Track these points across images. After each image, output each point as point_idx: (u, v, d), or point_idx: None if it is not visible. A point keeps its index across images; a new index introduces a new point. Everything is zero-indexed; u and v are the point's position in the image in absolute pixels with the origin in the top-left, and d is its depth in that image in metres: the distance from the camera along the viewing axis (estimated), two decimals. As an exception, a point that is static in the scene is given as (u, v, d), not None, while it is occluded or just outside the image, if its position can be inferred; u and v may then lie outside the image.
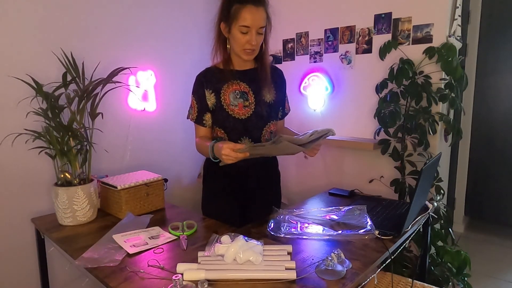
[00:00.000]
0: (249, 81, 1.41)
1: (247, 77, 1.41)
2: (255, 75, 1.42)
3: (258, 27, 1.26)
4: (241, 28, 1.26)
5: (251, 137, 1.41)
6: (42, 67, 1.63)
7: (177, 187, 2.36)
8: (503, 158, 2.84)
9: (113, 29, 1.90)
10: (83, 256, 1.13)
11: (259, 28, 1.27)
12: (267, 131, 1.45)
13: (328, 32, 2.27)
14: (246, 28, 1.26)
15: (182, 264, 1.00)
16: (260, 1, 1.27)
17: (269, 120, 1.44)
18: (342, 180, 2.31)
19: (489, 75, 2.82)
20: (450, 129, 1.85)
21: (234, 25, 1.27)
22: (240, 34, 1.27)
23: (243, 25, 1.25)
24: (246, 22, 1.25)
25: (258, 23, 1.26)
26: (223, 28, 1.32)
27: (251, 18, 1.24)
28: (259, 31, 1.28)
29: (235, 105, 1.38)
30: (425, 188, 1.42)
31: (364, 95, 2.15)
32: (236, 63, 1.40)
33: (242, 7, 1.24)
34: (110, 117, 1.89)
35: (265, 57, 1.40)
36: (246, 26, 1.25)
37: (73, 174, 1.47)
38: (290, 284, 0.94)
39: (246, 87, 1.40)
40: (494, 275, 2.32)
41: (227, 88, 1.38)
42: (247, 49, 1.30)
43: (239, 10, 1.25)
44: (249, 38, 1.27)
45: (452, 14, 1.88)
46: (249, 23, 1.25)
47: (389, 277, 1.42)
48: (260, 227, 1.30)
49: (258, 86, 1.41)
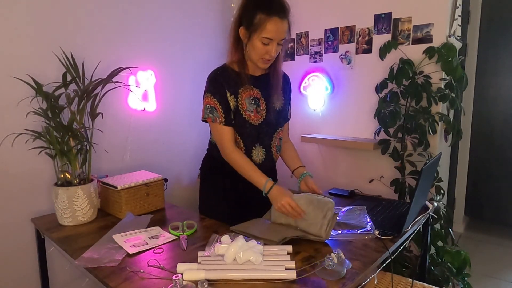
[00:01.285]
0: (261, 87, 1.39)
1: (259, 83, 1.39)
2: (267, 81, 1.40)
3: (280, 39, 1.24)
4: (263, 40, 1.23)
5: (262, 144, 1.41)
6: (42, 67, 1.63)
7: (177, 187, 2.36)
8: (503, 158, 2.84)
9: (113, 29, 1.90)
10: (83, 256, 1.13)
11: (280, 40, 1.25)
12: (277, 138, 1.46)
13: (328, 32, 2.27)
14: (268, 40, 1.23)
15: (182, 264, 1.00)
16: (286, 14, 1.23)
17: (277, 127, 1.45)
18: (342, 180, 2.31)
19: (489, 75, 2.82)
20: (450, 129, 1.85)
21: (256, 34, 1.23)
22: (261, 45, 1.24)
23: (266, 37, 1.22)
24: (270, 34, 1.21)
25: (281, 35, 1.24)
26: (243, 34, 1.28)
27: (275, 31, 1.21)
28: (280, 42, 1.26)
29: (251, 111, 1.36)
30: (425, 188, 1.42)
31: (364, 95, 2.15)
32: (250, 68, 1.37)
33: (268, 18, 1.20)
34: (110, 117, 1.89)
35: (279, 64, 1.38)
36: (269, 39, 1.22)
37: (73, 174, 1.47)
38: (290, 284, 0.94)
39: (258, 93, 1.38)
40: (494, 275, 2.32)
41: (242, 93, 1.35)
42: (265, 59, 1.28)
43: (264, 21, 1.20)
44: (269, 49, 1.25)
45: (452, 14, 1.88)
46: (273, 35, 1.22)
47: (389, 277, 1.42)
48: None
49: (269, 92, 1.40)
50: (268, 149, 1.43)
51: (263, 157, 1.42)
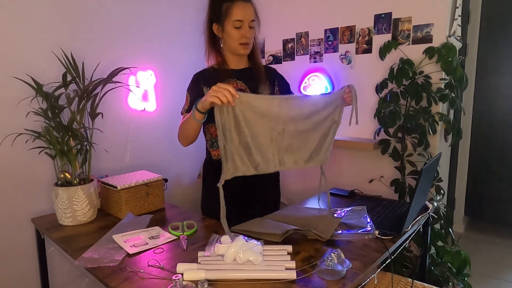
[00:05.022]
0: (246, 80, 1.43)
1: (243, 75, 1.43)
2: (251, 74, 1.44)
3: (249, 20, 1.34)
4: (234, 23, 1.32)
5: None
6: (42, 67, 1.63)
7: (177, 187, 2.36)
8: (503, 158, 2.84)
9: (113, 29, 1.90)
10: (83, 256, 1.13)
11: (250, 22, 1.34)
12: None
13: (328, 32, 2.27)
14: (239, 23, 1.32)
15: (182, 264, 1.00)
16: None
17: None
18: (342, 180, 2.31)
19: (489, 75, 2.82)
20: (450, 129, 1.85)
21: (227, 22, 1.34)
22: (234, 30, 1.33)
23: (236, 20, 1.32)
24: (239, 16, 1.32)
25: (249, 16, 1.34)
26: (216, 29, 1.38)
27: (243, 11, 1.32)
28: (251, 24, 1.35)
29: None
30: (425, 188, 1.42)
31: (364, 95, 2.15)
32: (232, 63, 1.43)
33: (232, 4, 1.32)
34: (110, 117, 1.89)
35: (257, 53, 1.46)
36: (239, 20, 1.32)
37: (73, 174, 1.47)
38: (290, 284, 0.94)
39: (242, 85, 1.42)
40: (494, 275, 2.32)
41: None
42: (242, 43, 1.35)
43: (230, 7, 1.32)
44: (243, 32, 1.33)
45: (452, 14, 1.88)
46: (242, 16, 1.32)
47: (389, 277, 1.42)
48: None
49: (255, 84, 1.44)
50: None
51: None
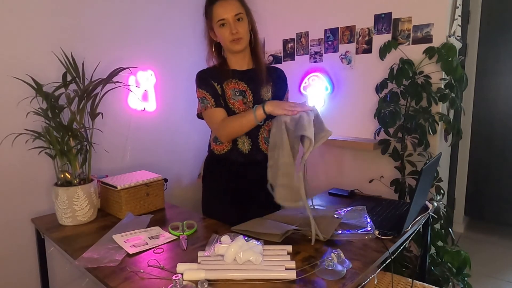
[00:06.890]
0: (247, 81, 1.43)
1: (245, 76, 1.43)
2: (254, 75, 1.44)
3: (232, 15, 1.32)
4: (219, 23, 1.33)
5: (248, 134, 1.42)
6: (42, 67, 1.63)
7: (177, 187, 2.36)
8: (503, 158, 2.84)
9: (113, 29, 1.90)
10: (83, 256, 1.13)
11: (235, 16, 1.32)
12: (266, 130, 1.46)
13: (328, 32, 2.27)
14: (222, 21, 1.32)
15: (182, 264, 1.00)
16: None
17: (267, 119, 1.45)
18: (342, 180, 2.31)
19: (489, 75, 2.82)
20: (450, 129, 1.85)
21: (214, 25, 1.35)
22: (221, 29, 1.34)
23: (219, 19, 1.32)
24: (220, 15, 1.32)
25: (230, 12, 1.32)
26: (213, 35, 1.41)
27: (223, 10, 1.32)
28: (237, 17, 1.33)
29: (235, 100, 1.40)
30: (425, 188, 1.42)
31: (364, 95, 2.15)
32: (235, 64, 1.43)
33: (213, 5, 1.34)
34: (110, 117, 1.89)
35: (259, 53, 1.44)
36: (222, 19, 1.32)
37: (73, 174, 1.47)
38: (290, 284, 0.94)
39: (244, 85, 1.42)
40: (494, 275, 2.32)
41: (226, 86, 1.41)
42: (232, 40, 1.34)
43: (211, 9, 1.35)
44: (230, 29, 1.33)
45: (452, 14, 1.88)
46: (223, 15, 1.32)
47: (389, 277, 1.42)
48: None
49: (256, 85, 1.44)
50: (255, 139, 1.44)
51: (249, 147, 1.44)
